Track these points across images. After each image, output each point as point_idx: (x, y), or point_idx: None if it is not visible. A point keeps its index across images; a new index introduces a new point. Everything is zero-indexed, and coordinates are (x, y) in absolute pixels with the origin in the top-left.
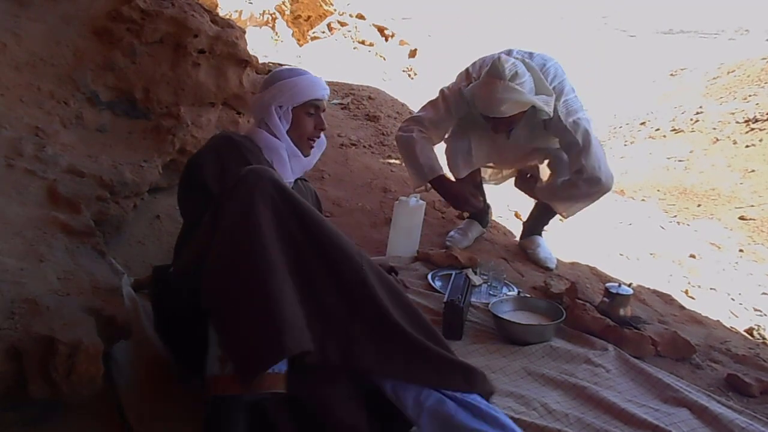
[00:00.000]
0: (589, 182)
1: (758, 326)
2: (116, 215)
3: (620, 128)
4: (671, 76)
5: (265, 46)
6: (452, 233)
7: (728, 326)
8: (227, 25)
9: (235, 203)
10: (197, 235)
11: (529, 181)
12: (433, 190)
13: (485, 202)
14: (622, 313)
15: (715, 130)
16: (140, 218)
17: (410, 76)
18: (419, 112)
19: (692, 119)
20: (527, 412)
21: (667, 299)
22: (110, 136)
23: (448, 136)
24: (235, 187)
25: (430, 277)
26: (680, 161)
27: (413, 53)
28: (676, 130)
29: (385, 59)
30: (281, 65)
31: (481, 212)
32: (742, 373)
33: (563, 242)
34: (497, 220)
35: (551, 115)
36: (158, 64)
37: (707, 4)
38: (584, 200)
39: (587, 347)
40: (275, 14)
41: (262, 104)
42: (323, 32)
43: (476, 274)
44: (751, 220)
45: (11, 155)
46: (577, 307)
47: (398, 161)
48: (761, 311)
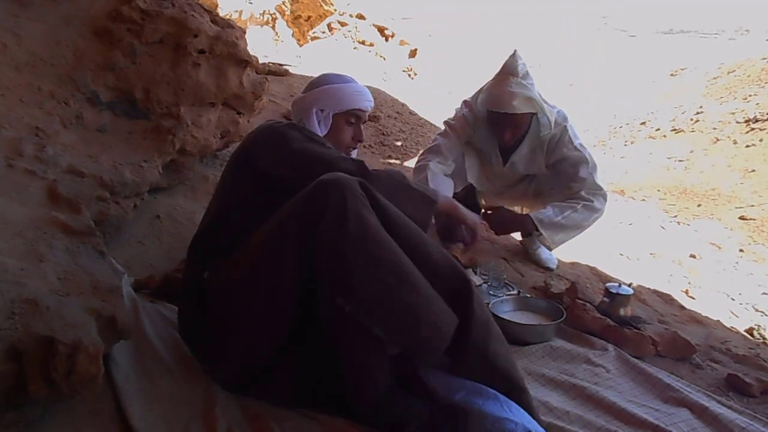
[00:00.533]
0: (595, 195)
1: (758, 326)
2: (116, 215)
3: (620, 128)
4: (671, 76)
5: (265, 46)
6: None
7: (728, 326)
8: (227, 25)
9: (335, 214)
10: (261, 236)
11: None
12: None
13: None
14: (622, 313)
15: (715, 130)
16: (140, 218)
17: (410, 76)
18: (432, 144)
19: (692, 119)
20: None
21: (667, 299)
22: (110, 136)
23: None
24: (327, 194)
25: None
26: (680, 161)
27: (413, 53)
28: (676, 130)
29: (385, 59)
30: (281, 65)
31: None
32: (742, 373)
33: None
34: None
35: (552, 128)
36: (158, 64)
37: (707, 4)
38: (580, 220)
39: (587, 347)
40: (275, 14)
41: (303, 105)
42: (323, 32)
43: (476, 274)
44: (751, 220)
45: (11, 155)
46: (577, 307)
47: (398, 161)
48: (761, 311)
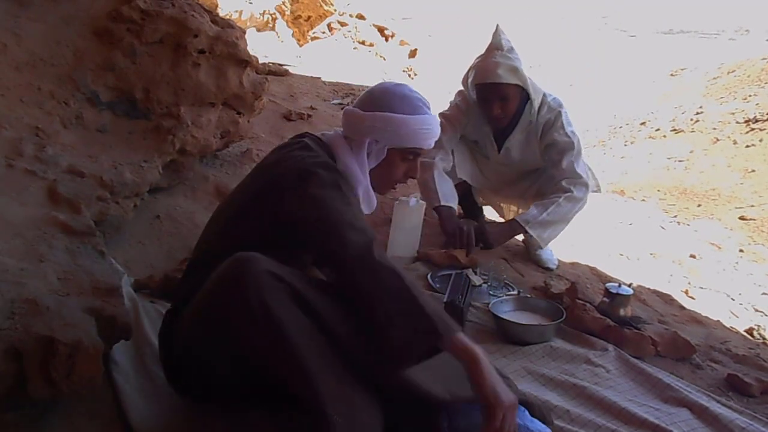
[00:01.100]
0: (579, 185)
1: (758, 326)
2: (116, 215)
3: (620, 128)
4: (671, 76)
5: (265, 46)
6: None
7: (728, 326)
8: (227, 25)
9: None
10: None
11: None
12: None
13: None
14: (622, 313)
15: (715, 130)
16: (140, 218)
17: (410, 76)
18: None
19: (692, 119)
20: None
21: (667, 299)
22: (110, 136)
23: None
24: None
25: (430, 277)
26: (680, 161)
27: (413, 53)
28: (676, 130)
29: (385, 59)
30: (281, 65)
31: (475, 212)
32: (742, 373)
33: (563, 242)
34: (498, 220)
35: (535, 106)
36: (158, 64)
37: (707, 4)
38: (564, 213)
39: (587, 347)
40: (275, 14)
41: (359, 127)
42: (323, 32)
43: (476, 274)
44: (751, 220)
45: (11, 155)
46: (577, 307)
47: None
48: (761, 311)
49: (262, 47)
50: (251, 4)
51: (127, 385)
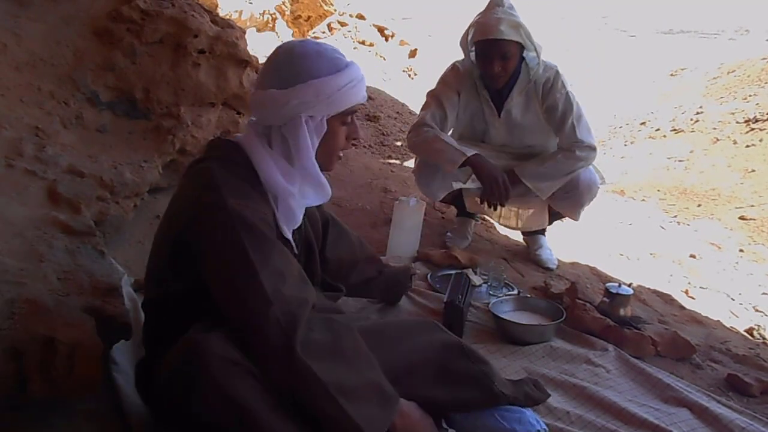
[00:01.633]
0: (582, 149)
1: (758, 326)
2: (116, 215)
3: (620, 128)
4: (671, 76)
5: (265, 46)
6: (449, 234)
7: (728, 326)
8: (227, 25)
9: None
10: None
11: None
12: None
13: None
14: (622, 313)
15: (715, 130)
16: (140, 218)
17: (410, 76)
18: (417, 118)
19: (692, 119)
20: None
21: (667, 299)
22: (110, 136)
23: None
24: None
25: (430, 277)
26: (680, 161)
27: (413, 53)
28: (676, 130)
29: (385, 59)
30: None
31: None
32: (742, 373)
33: (563, 242)
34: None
35: (539, 65)
36: (158, 64)
37: (707, 4)
38: (561, 167)
39: (587, 347)
40: (275, 14)
41: (281, 112)
42: (323, 32)
43: (476, 274)
44: (751, 220)
45: (11, 155)
46: (577, 307)
47: (398, 161)
48: (761, 311)
49: (262, 47)
50: (251, 4)
51: (127, 385)
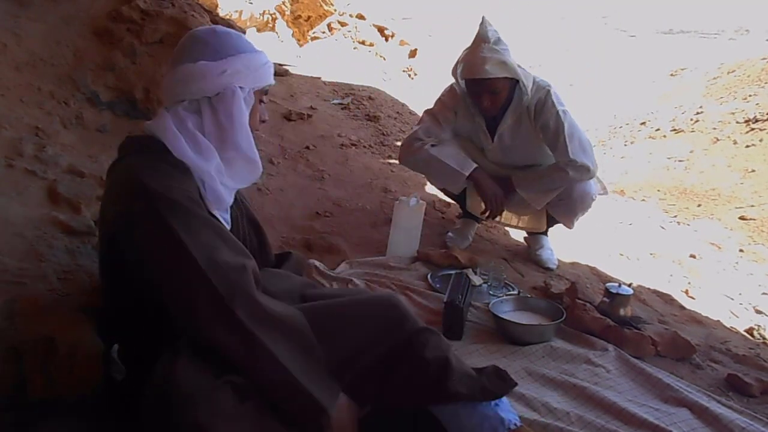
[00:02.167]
0: (575, 169)
1: (758, 326)
2: None
3: (620, 128)
4: (671, 76)
5: (265, 46)
6: (450, 234)
7: (728, 326)
8: (227, 25)
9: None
10: None
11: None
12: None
13: None
14: (622, 313)
15: (715, 130)
16: None
17: (410, 76)
18: (411, 132)
19: (692, 119)
20: (528, 411)
21: (667, 299)
22: (110, 136)
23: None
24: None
25: (430, 277)
26: (680, 161)
27: (413, 53)
28: (676, 130)
29: (385, 59)
30: (281, 65)
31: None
32: (742, 373)
33: (563, 242)
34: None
35: (529, 93)
36: (158, 64)
37: (707, 4)
38: (557, 180)
39: (587, 347)
40: (275, 14)
41: (213, 82)
42: (323, 32)
43: (476, 274)
44: (751, 220)
45: (11, 155)
46: (577, 307)
47: (398, 161)
48: (761, 311)
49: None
50: (251, 4)
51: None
